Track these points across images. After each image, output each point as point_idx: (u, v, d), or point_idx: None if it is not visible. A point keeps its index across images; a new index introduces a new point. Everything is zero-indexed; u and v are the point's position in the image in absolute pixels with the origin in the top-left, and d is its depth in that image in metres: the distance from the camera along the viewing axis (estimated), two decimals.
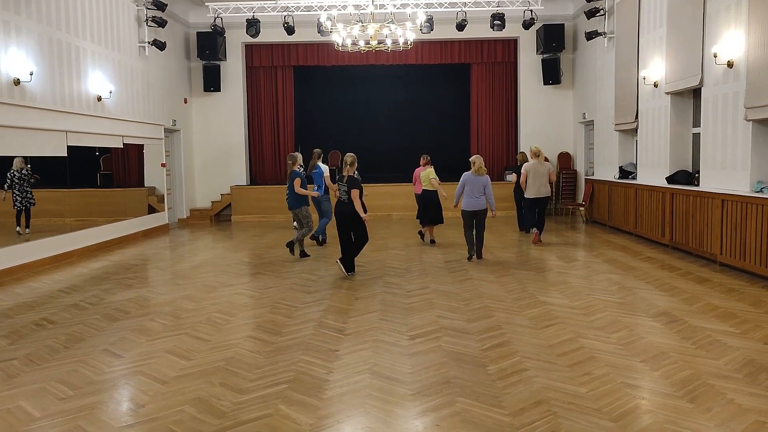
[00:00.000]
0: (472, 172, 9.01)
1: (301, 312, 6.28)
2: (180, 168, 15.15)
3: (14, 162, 8.97)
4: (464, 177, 9.04)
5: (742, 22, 8.05)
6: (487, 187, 9.01)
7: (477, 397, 4.01)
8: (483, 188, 8.98)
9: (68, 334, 5.67)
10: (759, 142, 7.92)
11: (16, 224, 9.19)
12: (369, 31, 10.19)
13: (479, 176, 8.98)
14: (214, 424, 3.70)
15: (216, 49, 15.13)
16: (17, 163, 8.99)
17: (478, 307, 6.36)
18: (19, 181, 9.05)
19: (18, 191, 9.05)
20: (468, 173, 9.04)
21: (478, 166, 9.00)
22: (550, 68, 15.39)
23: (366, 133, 17.14)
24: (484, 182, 8.99)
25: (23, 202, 9.14)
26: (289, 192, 9.52)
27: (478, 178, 8.98)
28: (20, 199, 9.10)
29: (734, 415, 3.69)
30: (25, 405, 4.04)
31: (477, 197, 8.99)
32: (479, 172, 8.99)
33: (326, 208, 10.53)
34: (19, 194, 9.08)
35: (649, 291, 6.97)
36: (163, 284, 7.95)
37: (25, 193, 9.14)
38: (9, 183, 8.92)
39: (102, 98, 11.12)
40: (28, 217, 9.30)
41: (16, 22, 8.83)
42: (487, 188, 9.00)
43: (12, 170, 8.93)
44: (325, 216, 10.60)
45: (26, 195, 9.16)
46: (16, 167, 8.98)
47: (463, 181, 9.03)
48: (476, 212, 9.01)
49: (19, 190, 9.08)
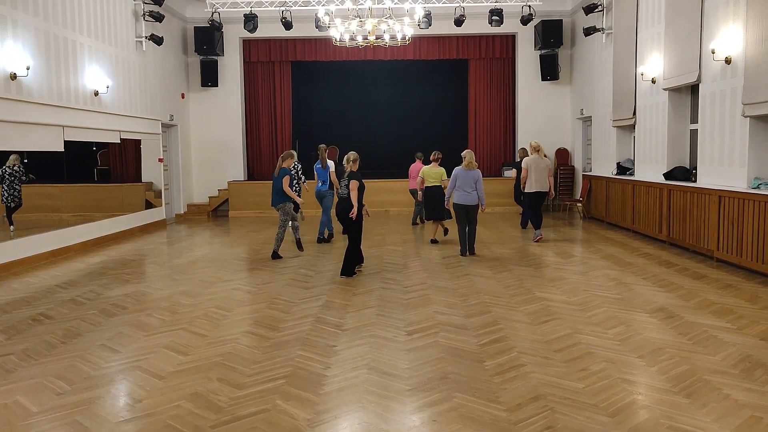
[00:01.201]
0: (462, 166, 9.02)
1: (299, 307, 6.28)
2: (177, 163, 15.12)
3: (9, 158, 8.94)
4: (455, 172, 9.05)
5: (740, 18, 8.05)
6: (479, 182, 9.01)
7: (474, 392, 4.02)
8: (474, 183, 8.98)
9: (65, 329, 5.67)
10: (756, 139, 7.93)
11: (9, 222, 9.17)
12: (367, 27, 10.17)
13: (470, 171, 8.99)
14: (212, 419, 3.70)
15: (213, 44, 15.09)
16: (11, 160, 8.96)
17: (475, 302, 6.37)
18: (10, 177, 9.00)
19: (7, 187, 9.01)
20: (459, 168, 9.05)
21: (468, 161, 9.02)
22: (548, 64, 15.38)
23: (364, 128, 17.10)
24: (475, 177, 8.99)
25: (10, 199, 9.08)
26: (275, 188, 9.32)
27: (469, 173, 8.99)
28: (7, 195, 9.05)
29: (730, 411, 3.70)
30: (22, 400, 4.04)
31: (468, 192, 8.99)
32: (470, 167, 9.00)
33: (328, 204, 10.50)
34: (8, 190, 9.03)
35: (646, 287, 6.99)
36: (160, 279, 7.95)
37: (13, 191, 9.08)
38: (0, 177, 8.88)
39: (99, 93, 11.08)
40: (10, 214, 9.21)
41: (12, 16, 8.79)
42: (478, 183, 9.00)
43: (5, 166, 8.90)
44: (326, 213, 10.57)
45: (13, 193, 9.11)
46: (9, 163, 8.94)
47: (455, 176, 9.04)
48: (467, 207, 9.03)
49: (9, 187, 9.03)
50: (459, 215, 9.14)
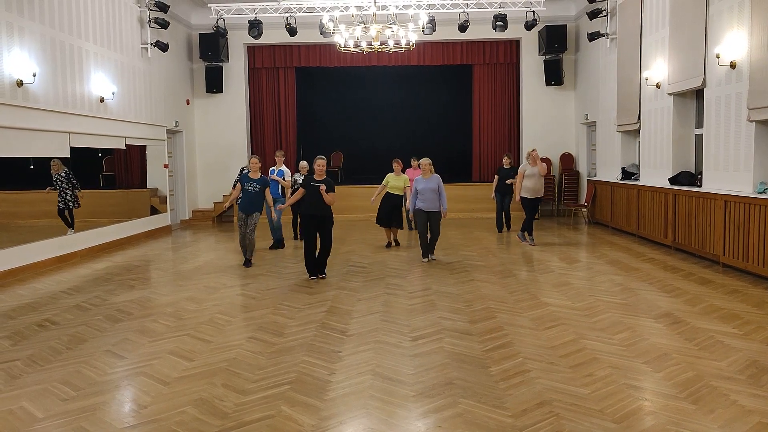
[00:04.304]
0: (421, 175, 9.13)
1: (304, 313, 6.28)
2: (182, 169, 15.16)
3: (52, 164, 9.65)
4: (415, 182, 9.15)
5: (744, 22, 8.03)
6: (441, 188, 9.04)
7: (479, 398, 4.01)
8: (436, 189, 8.98)
9: (71, 335, 5.68)
10: (762, 143, 7.90)
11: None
12: (371, 32, 10.20)
13: (429, 178, 9.04)
14: (217, 425, 3.70)
15: (218, 51, 15.16)
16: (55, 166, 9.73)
17: (480, 308, 6.35)
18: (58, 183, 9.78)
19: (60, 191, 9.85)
20: (418, 177, 9.17)
21: (425, 169, 9.06)
22: (553, 69, 15.38)
23: (368, 134, 17.15)
24: (435, 184, 9.00)
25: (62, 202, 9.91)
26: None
27: (428, 181, 9.02)
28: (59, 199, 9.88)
29: (737, 417, 3.68)
30: (27, 406, 4.05)
31: (430, 199, 9.01)
32: (427, 175, 9.04)
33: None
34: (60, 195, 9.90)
35: (651, 292, 6.96)
36: (165, 285, 7.96)
37: (65, 195, 9.94)
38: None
39: (104, 99, 11.14)
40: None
41: (19, 24, 8.85)
42: (440, 189, 9.03)
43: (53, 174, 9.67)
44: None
45: (65, 197, 9.94)
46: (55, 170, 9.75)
47: (415, 187, 9.11)
48: (428, 212, 9.05)
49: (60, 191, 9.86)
50: (421, 219, 9.12)
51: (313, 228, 7.91)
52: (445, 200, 9.14)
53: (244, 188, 8.85)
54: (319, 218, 7.87)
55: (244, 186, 8.85)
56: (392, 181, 10.46)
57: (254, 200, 8.86)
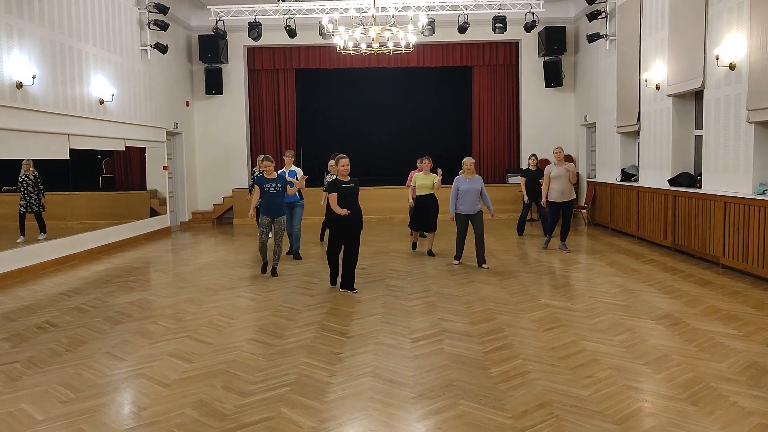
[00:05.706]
0: (464, 174, 8.90)
1: (303, 315, 6.27)
2: (182, 171, 15.16)
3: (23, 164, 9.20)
4: (457, 180, 8.90)
5: (743, 24, 8.04)
6: (482, 188, 8.92)
7: (479, 400, 4.01)
8: (479, 191, 8.84)
9: (70, 337, 5.68)
10: (761, 144, 7.91)
11: None
12: (371, 34, 10.19)
13: (472, 178, 8.88)
14: (216, 427, 3.69)
15: (218, 52, 15.17)
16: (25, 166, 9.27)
17: (480, 309, 6.35)
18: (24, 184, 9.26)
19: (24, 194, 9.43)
20: (460, 176, 8.93)
21: (467, 168, 8.90)
22: (552, 71, 15.39)
23: (367, 135, 17.15)
24: (479, 185, 8.87)
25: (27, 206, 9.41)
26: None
27: (472, 181, 8.87)
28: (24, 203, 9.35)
29: (737, 418, 3.68)
30: (27, 408, 4.04)
31: (472, 201, 8.85)
32: (470, 174, 8.89)
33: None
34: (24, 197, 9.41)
35: (651, 293, 6.96)
36: (165, 287, 7.96)
37: (30, 198, 9.46)
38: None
39: (104, 101, 11.14)
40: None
41: (18, 26, 8.86)
42: (482, 190, 8.91)
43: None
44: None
45: (29, 199, 9.44)
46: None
47: (456, 185, 8.88)
48: (471, 215, 8.88)
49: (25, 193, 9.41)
50: (461, 224, 8.99)
51: (353, 233, 7.29)
52: (489, 200, 8.98)
53: (264, 190, 8.29)
54: (359, 222, 7.32)
55: (264, 187, 8.29)
56: (420, 180, 9.98)
57: (277, 200, 8.34)
